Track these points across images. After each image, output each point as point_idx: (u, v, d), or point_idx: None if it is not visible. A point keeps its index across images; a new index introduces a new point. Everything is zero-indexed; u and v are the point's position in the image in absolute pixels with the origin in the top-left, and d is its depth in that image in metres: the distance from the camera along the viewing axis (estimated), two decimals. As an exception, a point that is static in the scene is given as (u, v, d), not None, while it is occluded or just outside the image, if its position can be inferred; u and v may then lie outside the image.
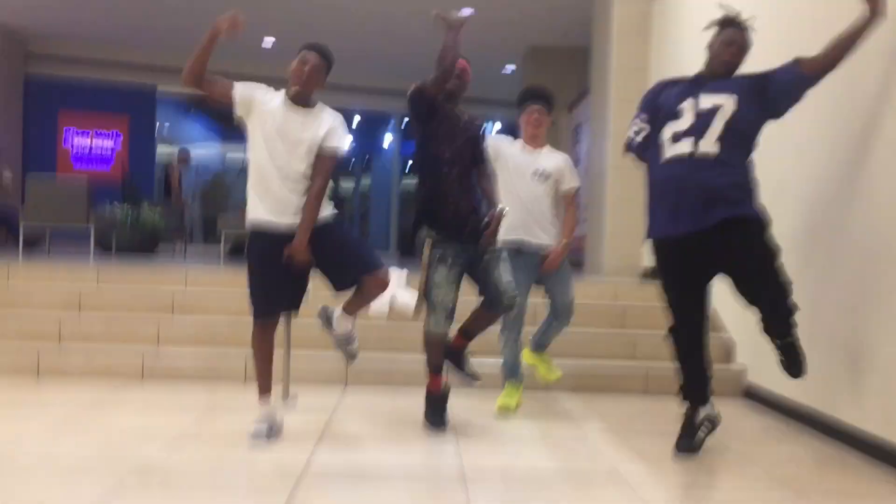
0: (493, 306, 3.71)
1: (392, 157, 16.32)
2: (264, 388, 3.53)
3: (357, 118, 15.42)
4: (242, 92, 3.41)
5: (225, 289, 5.66)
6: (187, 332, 5.13)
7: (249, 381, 4.73)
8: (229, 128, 18.13)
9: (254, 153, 3.41)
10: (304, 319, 4.69)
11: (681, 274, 3.35)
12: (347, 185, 17.29)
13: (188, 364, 4.82)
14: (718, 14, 3.56)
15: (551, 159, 4.32)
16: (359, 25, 11.37)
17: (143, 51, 13.36)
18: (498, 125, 16.18)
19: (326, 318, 3.72)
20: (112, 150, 13.54)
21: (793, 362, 3.21)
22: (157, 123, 14.40)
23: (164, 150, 14.77)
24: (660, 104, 3.38)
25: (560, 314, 4.37)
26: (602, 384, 4.78)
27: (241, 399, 4.29)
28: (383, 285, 3.52)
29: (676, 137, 3.24)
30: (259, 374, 3.55)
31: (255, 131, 3.40)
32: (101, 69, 13.26)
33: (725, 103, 3.19)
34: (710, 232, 3.13)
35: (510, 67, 13.11)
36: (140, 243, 9.61)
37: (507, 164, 4.20)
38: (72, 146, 13.40)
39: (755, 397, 4.60)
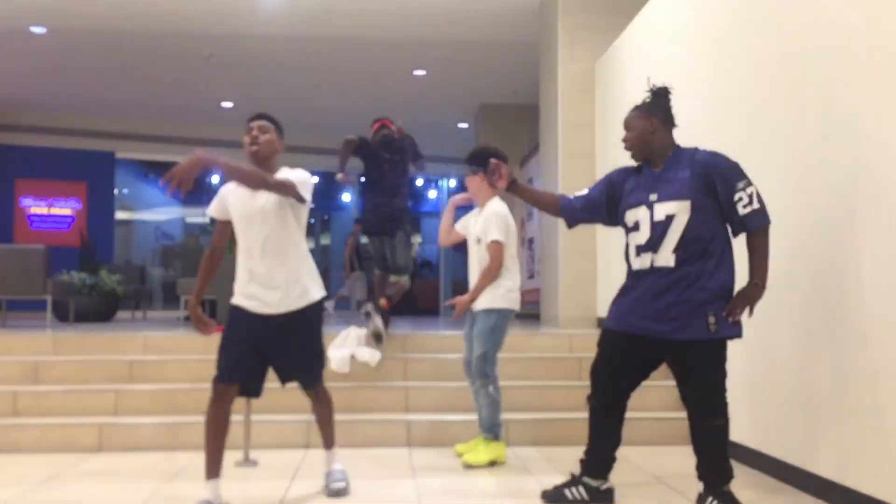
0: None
1: (351, 216, 16.43)
2: (212, 471, 3.31)
3: (315, 179, 15.57)
4: (215, 207, 3.49)
5: (183, 355, 5.65)
6: (145, 400, 5.10)
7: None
8: (188, 192, 18.25)
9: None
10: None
11: (627, 364, 3.38)
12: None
13: (147, 433, 4.78)
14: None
15: (480, 218, 4.40)
16: (315, 89, 11.57)
17: (100, 117, 13.42)
18: (453, 181, 16.44)
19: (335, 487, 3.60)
20: (71, 216, 13.46)
21: None
22: (116, 189, 14.39)
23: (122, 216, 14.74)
24: (617, 190, 3.44)
25: (469, 370, 4.39)
26: (561, 436, 4.83)
27: (200, 467, 4.26)
28: (316, 398, 3.59)
29: (638, 251, 3.28)
30: (207, 453, 3.32)
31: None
32: (59, 137, 13.28)
33: (679, 212, 3.15)
34: (663, 342, 3.21)
35: (463, 125, 13.41)
36: (98, 310, 9.53)
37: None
38: (29, 214, 13.31)
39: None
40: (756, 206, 3.10)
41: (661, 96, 3.37)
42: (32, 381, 5.35)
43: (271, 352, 3.42)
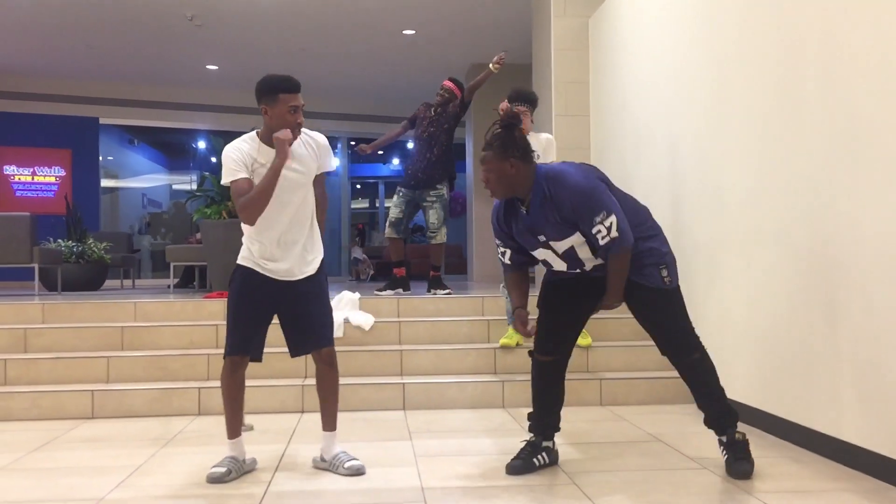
0: None
1: (340, 181, 16.27)
2: (231, 433, 3.35)
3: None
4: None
5: (175, 322, 5.59)
6: (138, 366, 5.04)
7: (203, 414, 4.69)
8: (173, 159, 18.02)
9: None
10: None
11: (566, 299, 3.36)
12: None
13: (140, 399, 4.73)
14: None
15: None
16: (300, 51, 11.37)
17: (83, 83, 13.16)
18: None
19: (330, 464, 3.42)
20: (55, 184, 13.27)
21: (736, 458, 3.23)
22: (101, 156, 14.18)
23: (108, 184, 14.54)
24: (507, 233, 3.32)
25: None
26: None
27: (195, 432, 4.23)
28: (330, 364, 3.39)
29: (563, 273, 3.30)
30: (226, 417, 3.35)
31: None
32: (41, 103, 13.03)
33: (575, 242, 3.16)
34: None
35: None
36: (86, 279, 9.43)
37: None
38: (13, 182, 13.11)
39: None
40: (614, 234, 3.08)
41: (512, 129, 3.18)
42: (21, 349, 5.28)
43: (286, 315, 3.35)
